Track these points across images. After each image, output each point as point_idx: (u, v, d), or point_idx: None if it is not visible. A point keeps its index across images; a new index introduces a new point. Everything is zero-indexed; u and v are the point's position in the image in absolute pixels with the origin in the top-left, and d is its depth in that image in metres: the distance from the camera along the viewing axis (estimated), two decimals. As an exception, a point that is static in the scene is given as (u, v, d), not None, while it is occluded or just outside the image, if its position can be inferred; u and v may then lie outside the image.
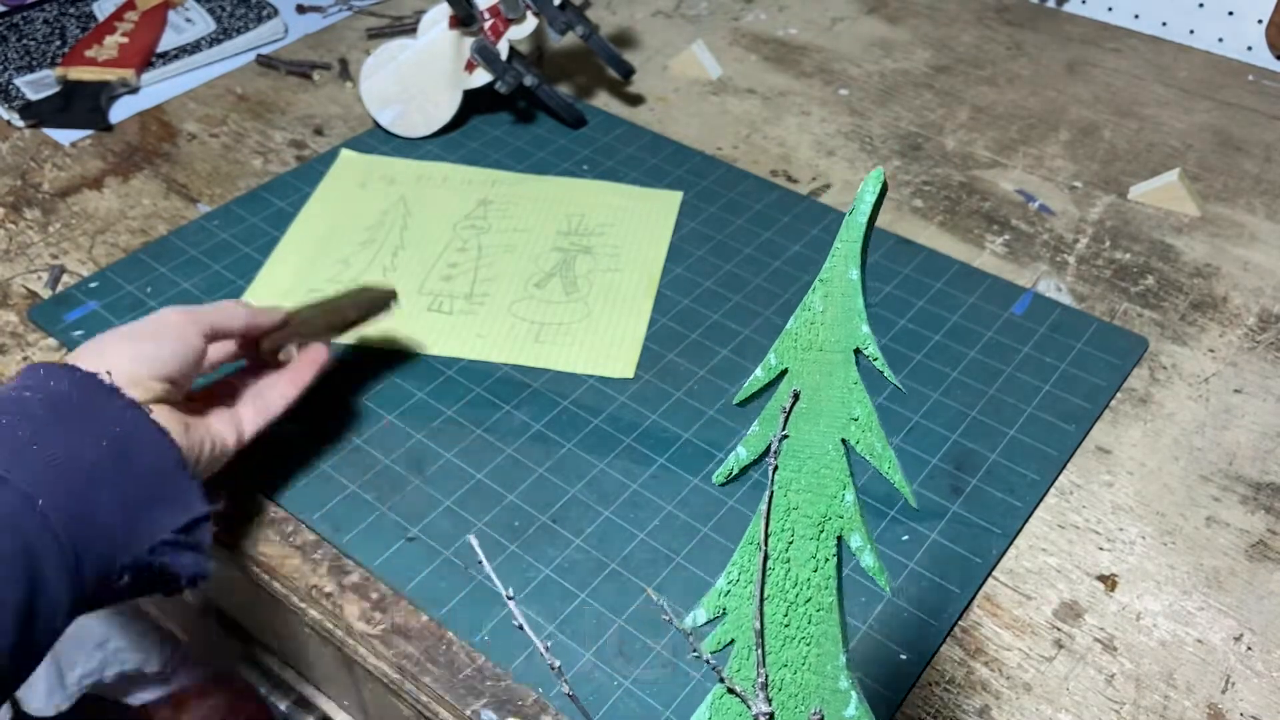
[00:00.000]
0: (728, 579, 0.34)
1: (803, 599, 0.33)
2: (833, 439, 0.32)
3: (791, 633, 0.33)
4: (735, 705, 0.34)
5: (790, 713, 0.33)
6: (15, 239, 0.75)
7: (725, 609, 0.34)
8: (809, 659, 0.33)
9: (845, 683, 0.33)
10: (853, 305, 0.31)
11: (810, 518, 0.32)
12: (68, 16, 0.98)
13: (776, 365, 0.33)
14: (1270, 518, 0.57)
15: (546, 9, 0.81)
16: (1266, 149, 0.85)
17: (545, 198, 0.78)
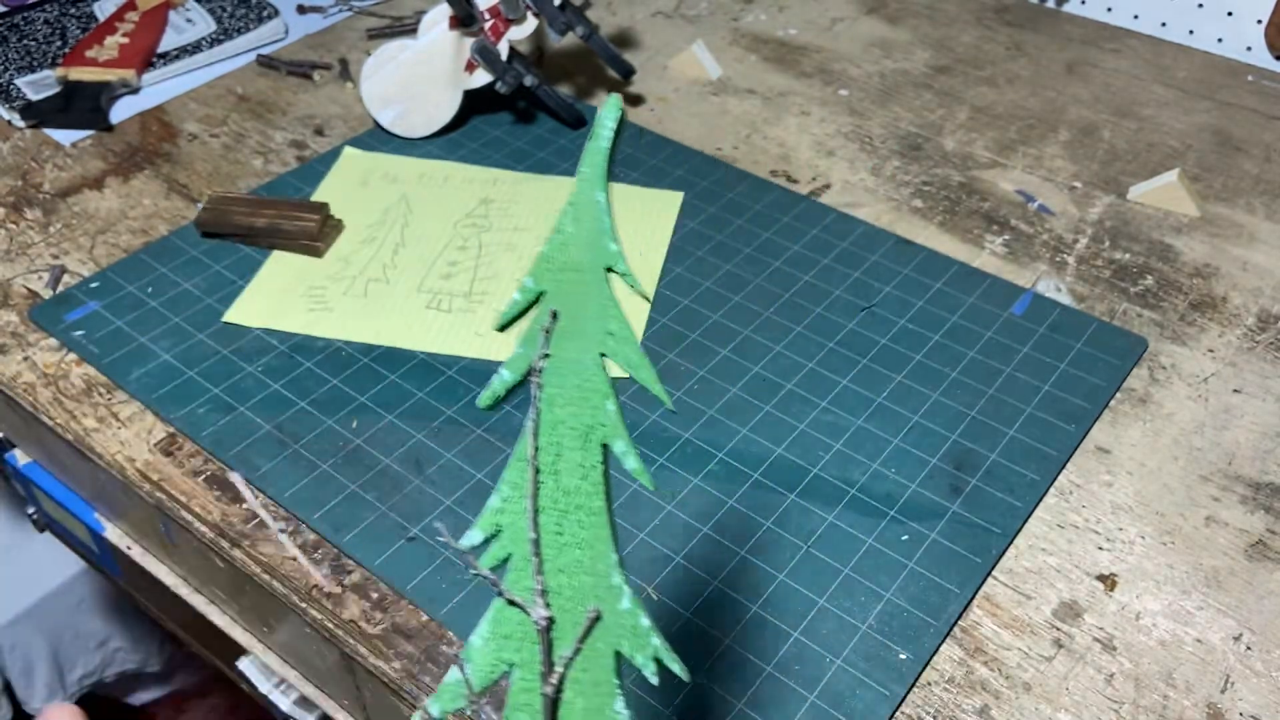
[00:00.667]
0: (500, 497, 0.35)
1: (574, 506, 0.34)
2: (592, 354, 0.34)
3: (565, 540, 0.34)
4: (515, 615, 0.35)
5: (569, 615, 0.34)
6: (16, 239, 0.75)
7: (500, 526, 0.35)
8: (583, 562, 0.34)
9: (618, 579, 0.34)
10: (601, 226, 0.34)
11: (576, 430, 0.34)
12: (68, 17, 0.98)
13: (534, 288, 0.35)
14: (1270, 517, 0.57)
15: (547, 9, 0.81)
16: (1266, 149, 0.85)
17: (546, 197, 0.78)
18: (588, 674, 0.34)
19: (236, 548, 0.56)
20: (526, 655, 0.35)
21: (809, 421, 0.62)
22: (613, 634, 0.34)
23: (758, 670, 0.50)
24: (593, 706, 0.34)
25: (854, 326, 0.68)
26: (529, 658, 0.34)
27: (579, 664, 0.34)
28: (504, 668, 0.35)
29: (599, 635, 0.34)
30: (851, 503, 0.57)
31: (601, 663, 0.34)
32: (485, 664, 0.35)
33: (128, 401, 0.63)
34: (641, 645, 0.34)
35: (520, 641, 0.35)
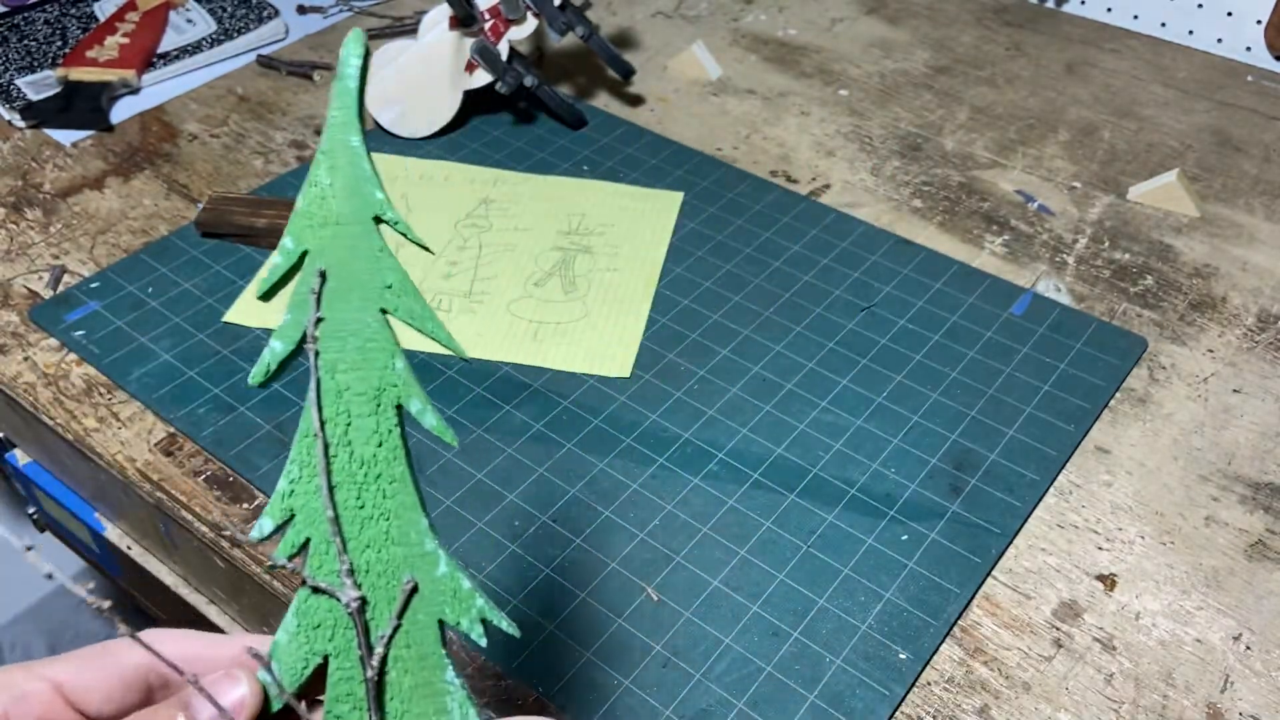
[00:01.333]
0: (288, 479, 0.32)
1: (373, 476, 0.32)
2: (371, 310, 0.32)
3: (368, 513, 0.32)
4: (323, 602, 0.32)
5: (382, 591, 0.32)
6: (16, 239, 0.75)
7: (293, 510, 0.32)
8: (391, 533, 0.32)
9: (431, 544, 0.32)
10: (361, 172, 0.31)
11: (364, 394, 0.32)
12: (69, 17, 0.98)
13: (295, 249, 0.32)
14: (1269, 517, 0.57)
15: (547, 9, 0.81)
16: (1265, 149, 0.85)
17: (546, 197, 0.78)
18: (411, 649, 0.32)
19: (236, 548, 0.56)
20: (340, 642, 0.32)
21: (809, 421, 0.62)
22: (433, 603, 0.32)
23: (758, 670, 0.50)
24: (421, 681, 0.33)
25: (854, 326, 0.68)
26: (344, 644, 0.32)
27: (400, 640, 0.32)
28: (317, 659, 0.32)
29: (418, 606, 0.32)
30: (851, 502, 0.57)
31: (425, 635, 0.32)
32: (295, 659, 0.33)
33: (128, 401, 0.63)
34: (465, 609, 0.32)
35: (333, 629, 0.32)
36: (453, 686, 0.32)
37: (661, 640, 0.51)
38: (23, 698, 0.29)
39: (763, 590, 0.53)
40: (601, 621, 0.52)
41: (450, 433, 0.32)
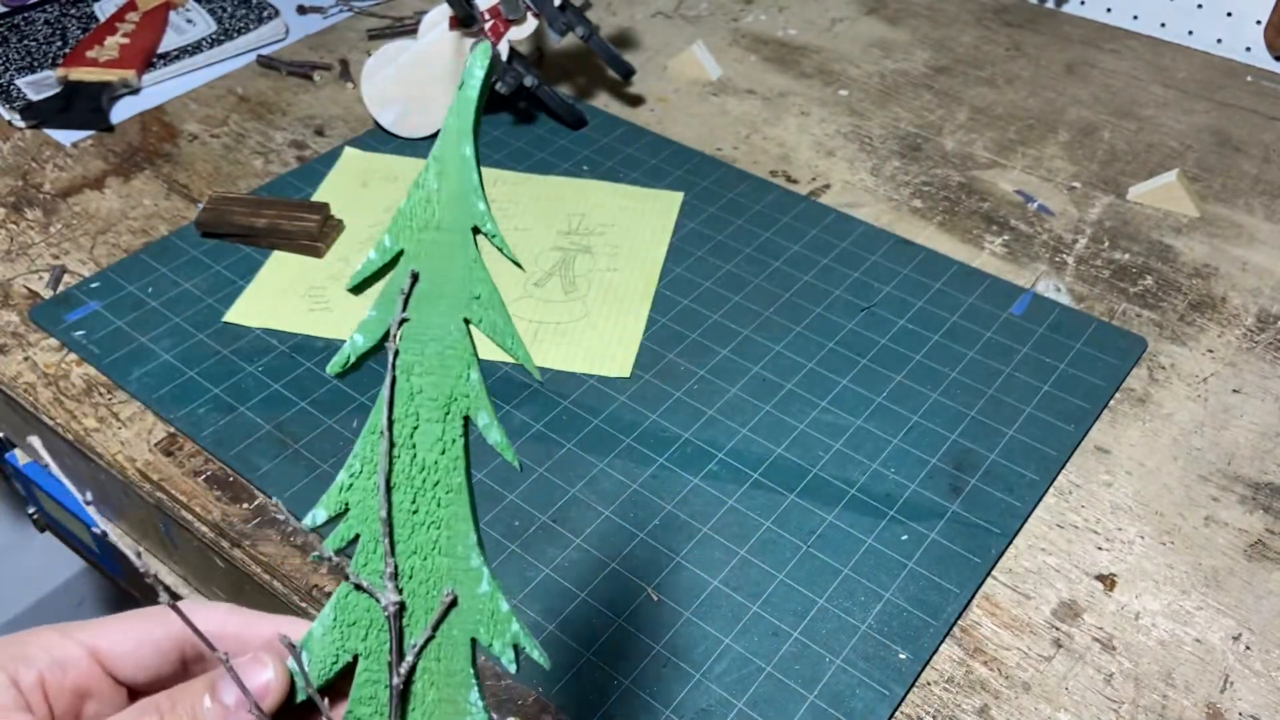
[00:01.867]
0: (349, 473, 0.32)
1: (430, 483, 0.32)
2: (455, 319, 0.31)
3: (420, 519, 0.32)
4: (362, 601, 0.32)
5: (421, 600, 0.32)
6: (16, 239, 0.75)
7: (348, 504, 0.32)
8: (439, 542, 0.32)
9: (477, 560, 0.32)
10: (468, 182, 0.31)
11: (435, 400, 0.32)
12: (69, 17, 0.98)
13: (392, 247, 0.32)
14: (1269, 517, 0.57)
15: (547, 10, 0.81)
16: (1265, 149, 0.85)
17: (546, 197, 0.78)
18: (441, 663, 0.32)
19: (237, 548, 0.56)
20: (373, 644, 0.32)
21: (809, 421, 0.62)
22: (469, 620, 0.32)
23: (758, 670, 0.50)
24: (445, 697, 0.32)
25: (854, 326, 0.68)
26: (375, 646, 0.32)
27: (431, 652, 0.32)
28: (347, 658, 0.32)
29: (455, 621, 0.32)
30: (851, 502, 0.57)
31: (456, 651, 0.32)
32: (326, 653, 0.32)
33: (128, 401, 0.63)
34: (500, 632, 0.32)
35: (367, 629, 0.32)
36: (475, 709, 0.32)
37: (661, 640, 0.51)
38: (62, 663, 0.29)
39: (763, 590, 0.53)
40: (601, 621, 0.52)
41: (512, 452, 0.32)
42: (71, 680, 0.29)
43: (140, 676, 0.30)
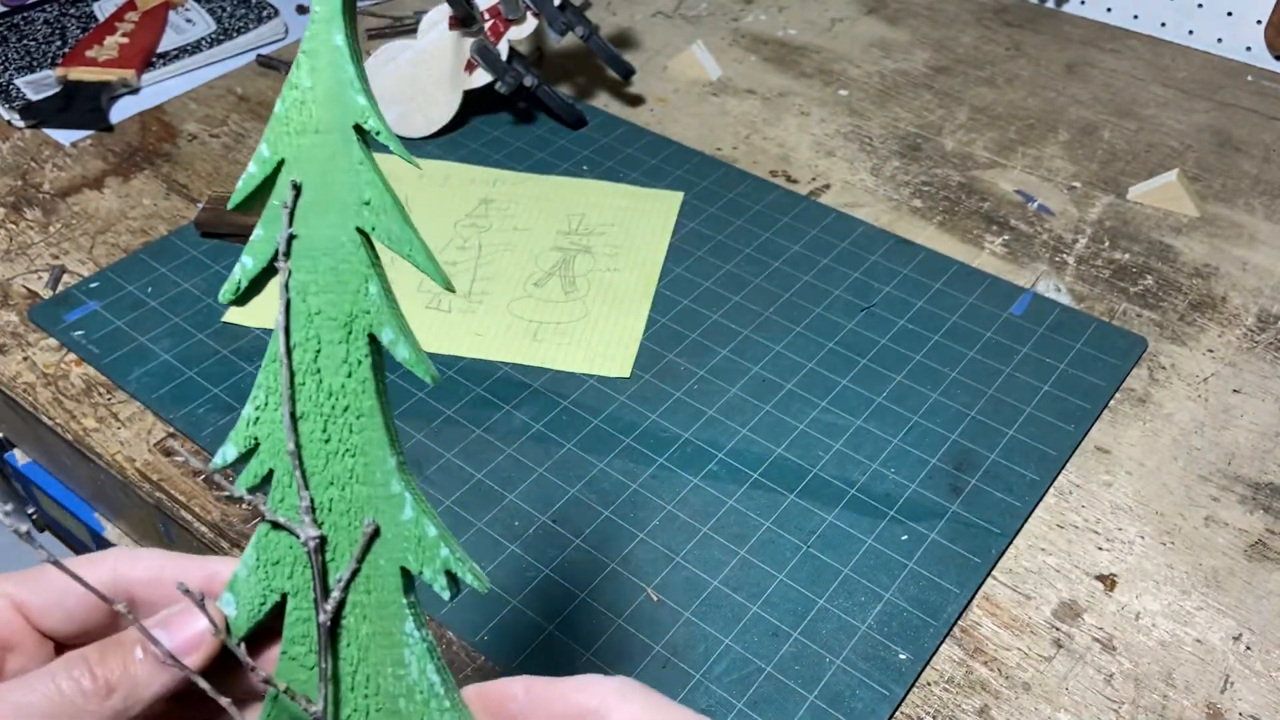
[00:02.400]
0: (254, 405, 0.30)
1: (340, 409, 0.30)
2: (346, 229, 0.29)
3: (334, 448, 0.30)
4: (284, 539, 0.30)
5: (345, 532, 0.30)
6: (16, 239, 0.75)
7: (257, 438, 0.30)
8: (356, 471, 0.30)
9: (398, 486, 0.30)
10: (344, 75, 0.29)
11: (335, 320, 0.30)
12: (68, 17, 0.98)
13: (271, 157, 0.29)
14: (1269, 518, 0.57)
15: (546, 9, 0.81)
16: (1265, 149, 0.85)
17: (546, 197, 0.78)
18: (371, 595, 0.30)
19: (236, 548, 0.56)
20: (299, 581, 0.30)
21: (809, 421, 0.62)
22: (396, 548, 0.30)
23: (758, 670, 0.50)
24: (379, 630, 0.31)
25: (854, 326, 0.68)
26: (302, 584, 0.30)
27: (360, 585, 0.30)
28: (275, 597, 0.31)
29: (380, 551, 0.30)
30: (851, 503, 0.57)
31: (386, 582, 0.30)
32: (253, 594, 0.31)
33: (128, 401, 0.63)
34: (429, 559, 0.30)
35: (291, 566, 0.31)
36: (412, 639, 0.30)
37: (661, 640, 0.51)
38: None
39: (763, 590, 0.53)
40: (601, 621, 0.52)
41: (425, 366, 0.29)
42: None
43: (67, 628, 0.29)
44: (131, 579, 0.29)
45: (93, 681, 0.26)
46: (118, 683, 0.27)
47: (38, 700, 0.26)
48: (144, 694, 0.27)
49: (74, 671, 0.26)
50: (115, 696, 0.27)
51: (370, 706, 0.31)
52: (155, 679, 0.28)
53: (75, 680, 0.26)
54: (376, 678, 0.31)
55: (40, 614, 0.28)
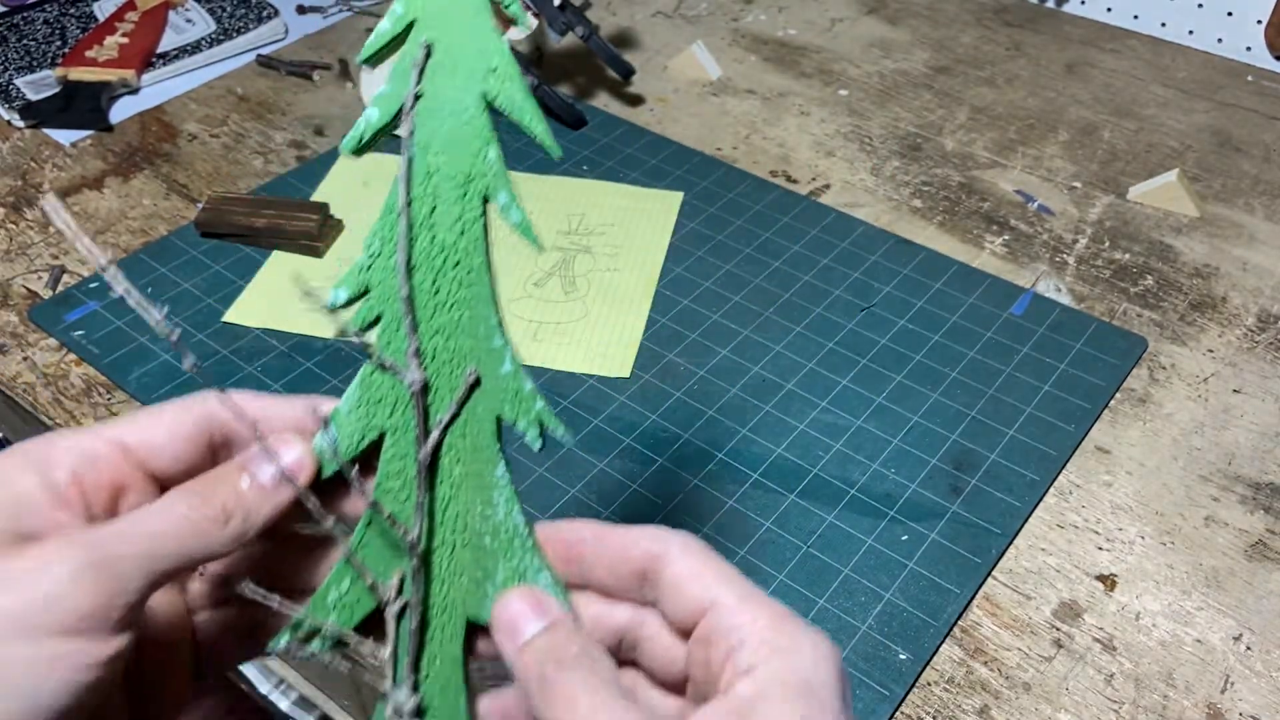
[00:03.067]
0: (368, 253, 0.32)
1: (450, 264, 0.31)
2: (472, 93, 0.30)
3: (441, 299, 0.31)
4: (387, 380, 0.32)
5: (446, 379, 0.32)
6: (16, 239, 0.75)
7: (369, 285, 0.32)
8: (462, 323, 0.32)
9: (499, 341, 0.32)
10: None
11: (453, 179, 0.31)
12: (68, 17, 0.98)
13: (404, 14, 0.31)
14: (1269, 518, 0.57)
15: (547, 9, 0.81)
16: (1266, 149, 0.85)
17: (546, 197, 0.78)
18: (466, 439, 0.32)
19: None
20: (399, 421, 0.32)
21: (809, 421, 0.62)
22: (494, 399, 0.32)
23: (758, 670, 0.50)
24: (472, 472, 0.32)
25: (854, 326, 0.68)
26: (401, 423, 0.32)
27: (457, 429, 0.32)
28: (374, 434, 0.32)
29: (479, 400, 0.32)
30: (851, 503, 0.57)
31: (482, 428, 0.32)
32: (353, 430, 0.32)
33: (127, 401, 0.63)
34: (525, 410, 0.32)
35: (393, 406, 0.32)
36: (502, 483, 0.32)
37: (661, 640, 0.51)
38: (92, 459, 0.29)
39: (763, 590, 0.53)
40: (601, 622, 0.52)
41: (533, 232, 0.31)
42: (104, 475, 0.29)
43: (172, 468, 0.30)
44: (224, 419, 0.31)
45: (210, 508, 0.28)
46: (233, 508, 0.28)
47: (166, 526, 0.27)
48: (257, 518, 0.29)
49: (191, 500, 0.28)
50: (233, 521, 0.28)
51: (458, 542, 0.33)
52: (265, 503, 0.29)
53: (195, 508, 0.28)
54: (465, 515, 0.32)
55: (147, 455, 0.30)
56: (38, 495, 0.27)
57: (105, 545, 0.26)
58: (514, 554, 0.32)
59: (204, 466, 0.30)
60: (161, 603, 0.32)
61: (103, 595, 0.25)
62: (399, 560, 0.32)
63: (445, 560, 0.32)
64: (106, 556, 0.26)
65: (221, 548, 0.28)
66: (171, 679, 0.32)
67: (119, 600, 0.25)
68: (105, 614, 0.25)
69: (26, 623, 0.24)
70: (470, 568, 0.32)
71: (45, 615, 0.24)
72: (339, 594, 0.32)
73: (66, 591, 0.25)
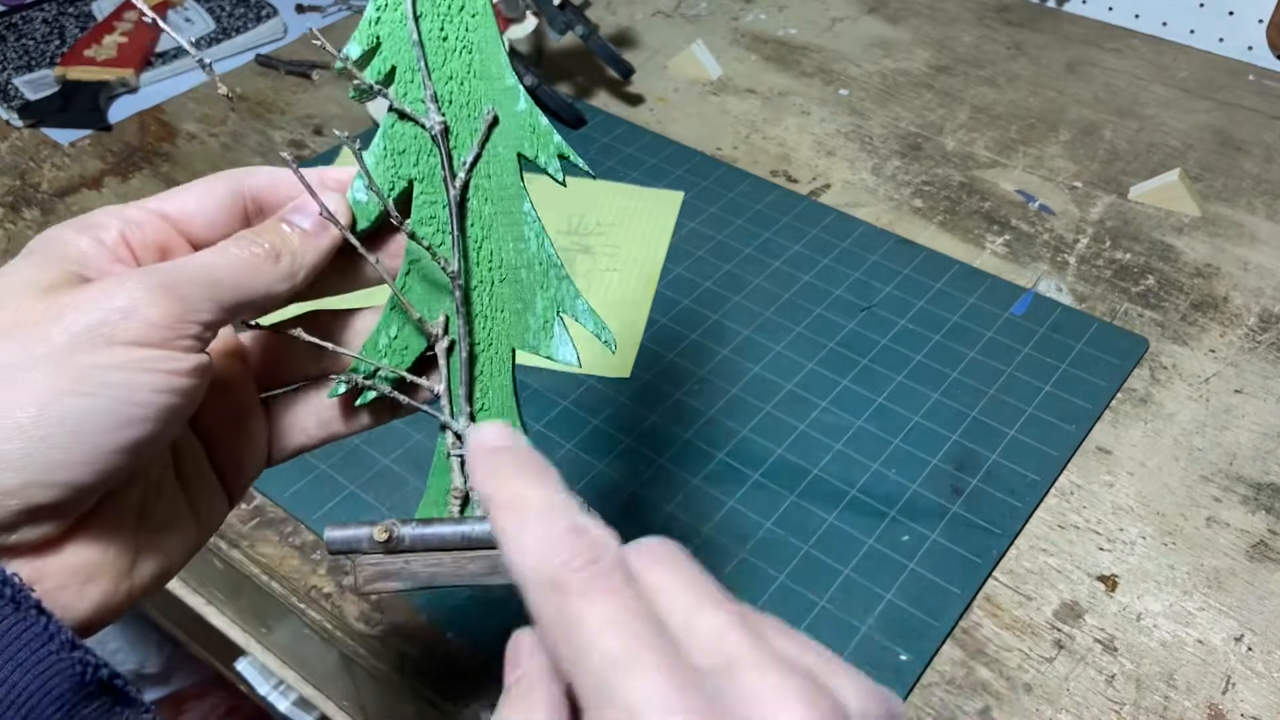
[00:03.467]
0: (375, 7, 0.32)
1: (456, 8, 0.32)
2: None
3: (451, 45, 0.33)
4: (409, 129, 0.33)
5: (465, 123, 0.33)
6: (14, 239, 0.75)
7: (379, 38, 0.33)
8: (473, 66, 0.33)
9: (511, 79, 0.33)
10: None
11: None
12: (67, 16, 0.97)
13: None
14: (1271, 518, 0.57)
15: (546, 9, 0.81)
16: (1267, 149, 0.85)
17: (547, 197, 0.78)
18: (491, 179, 0.33)
19: (235, 548, 0.56)
20: (424, 168, 0.33)
21: (809, 422, 0.62)
22: (512, 136, 0.33)
23: (758, 671, 0.50)
24: (500, 210, 0.34)
25: (854, 327, 0.68)
26: (427, 170, 0.33)
27: (481, 170, 0.33)
28: (403, 184, 0.33)
29: (498, 139, 0.33)
30: (852, 503, 0.57)
31: (505, 166, 0.33)
32: (382, 181, 0.33)
33: (126, 401, 0.63)
34: (544, 145, 0.33)
35: (418, 154, 0.33)
36: (530, 217, 0.33)
37: (661, 641, 0.51)
38: (138, 223, 0.30)
39: (763, 592, 0.53)
40: (601, 622, 0.52)
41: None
42: (150, 236, 0.30)
43: (209, 233, 0.31)
44: (254, 186, 0.32)
45: (259, 248, 0.30)
46: (281, 248, 0.30)
47: (222, 261, 0.29)
48: (305, 257, 0.31)
49: (240, 242, 0.30)
50: (283, 258, 0.30)
51: (494, 278, 0.34)
52: (310, 245, 0.31)
53: (244, 247, 0.30)
54: (500, 252, 0.34)
55: (186, 222, 0.31)
56: (93, 251, 0.29)
57: (168, 273, 0.27)
58: (550, 284, 0.34)
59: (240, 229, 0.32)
60: (227, 370, 0.33)
61: (174, 310, 0.27)
62: (442, 301, 0.34)
63: (485, 297, 0.34)
64: (172, 280, 0.27)
65: (276, 284, 0.30)
66: (245, 449, 0.34)
67: (189, 317, 0.27)
68: (179, 327, 0.27)
69: (109, 333, 0.26)
70: (510, 301, 0.34)
71: (125, 324, 0.26)
72: (389, 339, 0.34)
73: (141, 304, 0.26)
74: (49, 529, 0.26)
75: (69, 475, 0.25)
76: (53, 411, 0.25)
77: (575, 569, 0.22)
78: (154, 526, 0.30)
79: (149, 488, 0.30)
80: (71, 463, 0.25)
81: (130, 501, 0.29)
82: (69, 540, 0.27)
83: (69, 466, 0.25)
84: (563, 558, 0.23)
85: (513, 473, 0.25)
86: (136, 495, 0.29)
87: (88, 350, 0.25)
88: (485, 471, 0.25)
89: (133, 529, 0.29)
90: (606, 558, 0.23)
